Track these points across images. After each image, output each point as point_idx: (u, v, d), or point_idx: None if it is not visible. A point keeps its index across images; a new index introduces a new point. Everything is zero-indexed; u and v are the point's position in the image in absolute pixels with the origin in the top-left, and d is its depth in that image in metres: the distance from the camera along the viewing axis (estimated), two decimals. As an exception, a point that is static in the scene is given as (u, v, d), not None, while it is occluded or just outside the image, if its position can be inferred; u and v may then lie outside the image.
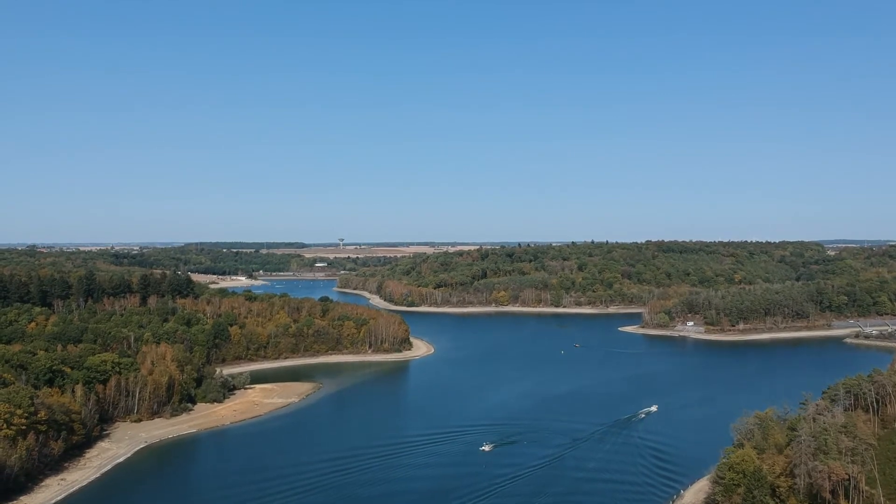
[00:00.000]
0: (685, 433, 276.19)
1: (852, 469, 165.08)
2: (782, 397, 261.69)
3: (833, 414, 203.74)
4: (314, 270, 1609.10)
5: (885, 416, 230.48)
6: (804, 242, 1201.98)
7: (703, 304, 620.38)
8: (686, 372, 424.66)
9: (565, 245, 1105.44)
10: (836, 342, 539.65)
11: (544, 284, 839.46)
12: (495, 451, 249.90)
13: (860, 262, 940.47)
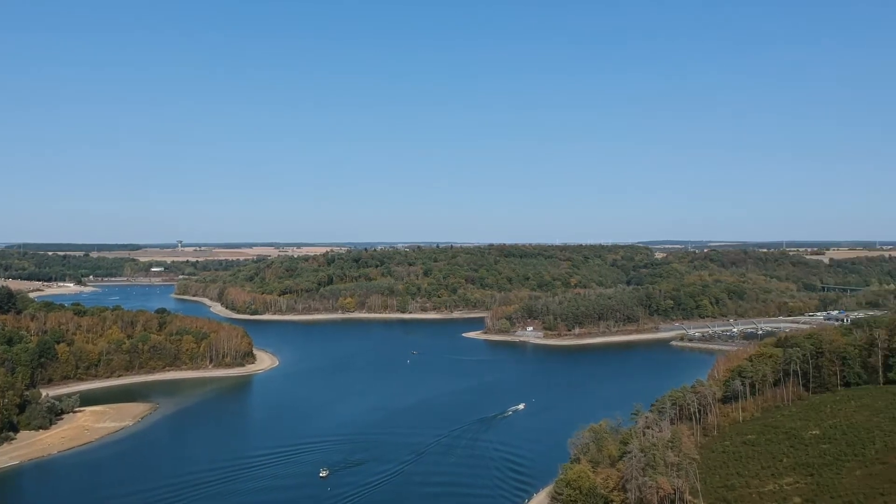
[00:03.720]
0: (527, 443, 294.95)
1: (678, 483, 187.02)
2: (617, 403, 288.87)
3: (661, 428, 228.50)
4: (150, 275, 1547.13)
5: (707, 424, 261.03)
6: (634, 246, 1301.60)
7: (541, 309, 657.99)
8: (526, 379, 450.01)
9: (411, 250, 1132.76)
10: (664, 345, 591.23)
11: (391, 290, 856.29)
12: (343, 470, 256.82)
13: (684, 266, 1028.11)
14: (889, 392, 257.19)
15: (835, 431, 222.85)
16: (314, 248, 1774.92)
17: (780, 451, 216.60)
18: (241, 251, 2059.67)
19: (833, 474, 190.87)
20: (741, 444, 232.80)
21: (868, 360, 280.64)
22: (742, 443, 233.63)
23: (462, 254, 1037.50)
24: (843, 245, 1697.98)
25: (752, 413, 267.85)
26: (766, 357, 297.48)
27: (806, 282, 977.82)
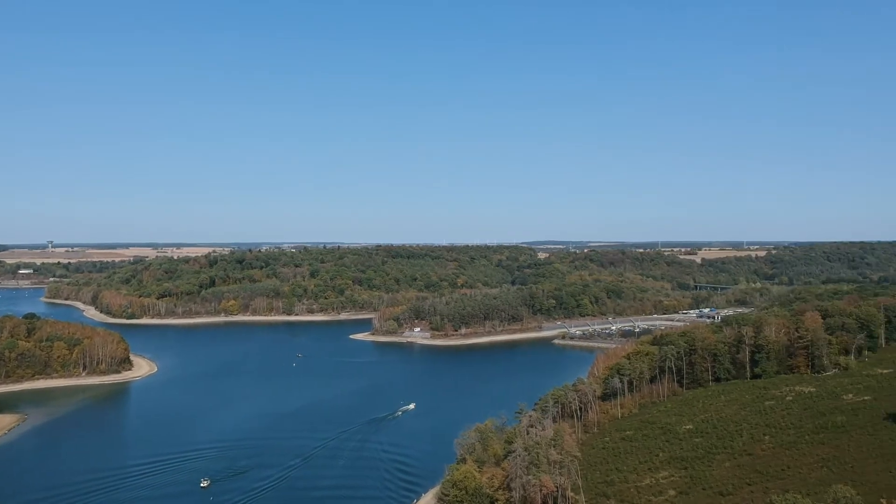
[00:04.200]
0: (416, 444, 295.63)
1: (560, 480, 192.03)
2: (503, 402, 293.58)
3: (544, 426, 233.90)
4: (17, 278, 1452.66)
5: (588, 421, 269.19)
6: (518, 247, 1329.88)
7: (429, 310, 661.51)
8: (415, 379, 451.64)
9: (297, 251, 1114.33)
10: (547, 343, 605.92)
11: (276, 292, 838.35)
12: (226, 479, 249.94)
13: (566, 266, 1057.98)
14: (756, 386, 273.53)
15: (706, 425, 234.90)
16: (195, 248, 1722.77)
17: (656, 446, 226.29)
18: (117, 252, 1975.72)
19: (705, 467, 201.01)
20: (620, 439, 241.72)
21: (737, 356, 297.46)
22: (621, 438, 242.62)
23: (349, 255, 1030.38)
24: (714, 245, 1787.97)
25: (630, 409, 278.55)
26: (643, 355, 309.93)
27: (680, 281, 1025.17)
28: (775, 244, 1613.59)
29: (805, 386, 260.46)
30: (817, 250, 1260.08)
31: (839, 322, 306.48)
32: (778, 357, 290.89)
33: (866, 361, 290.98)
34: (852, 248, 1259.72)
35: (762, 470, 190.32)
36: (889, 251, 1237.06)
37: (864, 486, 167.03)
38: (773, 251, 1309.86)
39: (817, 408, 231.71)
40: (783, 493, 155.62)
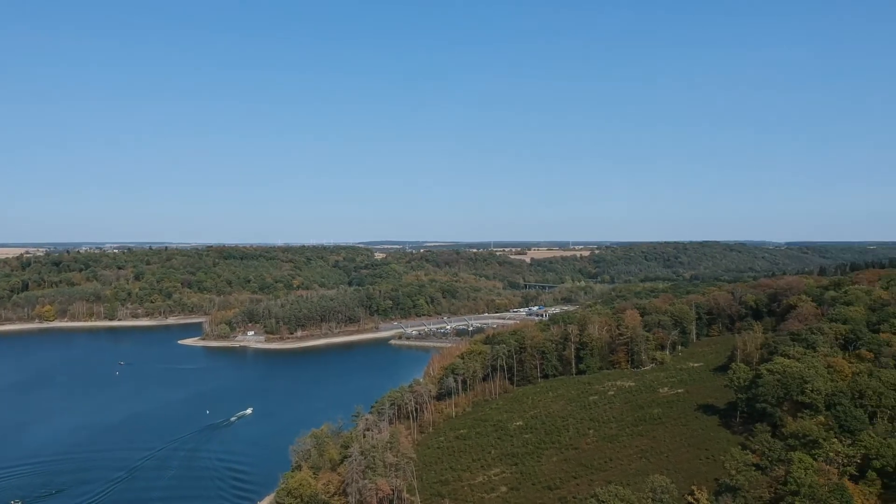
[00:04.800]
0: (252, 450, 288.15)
1: (396, 483, 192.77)
2: (340, 405, 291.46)
3: (380, 428, 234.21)
4: None
5: (423, 421, 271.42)
6: (355, 247, 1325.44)
7: (263, 312, 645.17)
8: (250, 384, 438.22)
9: (121, 251, 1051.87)
10: (384, 344, 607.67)
11: (97, 296, 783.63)
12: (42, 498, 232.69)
13: (402, 266, 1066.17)
14: (581, 382, 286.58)
15: (536, 422, 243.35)
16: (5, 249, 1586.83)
17: (488, 444, 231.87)
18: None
19: (534, 462, 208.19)
20: (454, 438, 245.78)
21: (563, 353, 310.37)
22: (455, 437, 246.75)
23: (178, 255, 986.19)
24: (543, 245, 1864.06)
25: (464, 408, 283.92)
26: (476, 354, 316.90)
27: (511, 280, 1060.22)
28: (598, 244, 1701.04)
29: (626, 381, 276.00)
30: (636, 250, 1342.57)
31: (656, 319, 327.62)
32: (601, 353, 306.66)
33: (680, 356, 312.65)
34: (667, 248, 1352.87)
35: (587, 463, 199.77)
36: (699, 251, 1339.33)
37: (679, 473, 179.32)
38: (597, 251, 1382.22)
39: (636, 401, 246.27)
40: (606, 485, 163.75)
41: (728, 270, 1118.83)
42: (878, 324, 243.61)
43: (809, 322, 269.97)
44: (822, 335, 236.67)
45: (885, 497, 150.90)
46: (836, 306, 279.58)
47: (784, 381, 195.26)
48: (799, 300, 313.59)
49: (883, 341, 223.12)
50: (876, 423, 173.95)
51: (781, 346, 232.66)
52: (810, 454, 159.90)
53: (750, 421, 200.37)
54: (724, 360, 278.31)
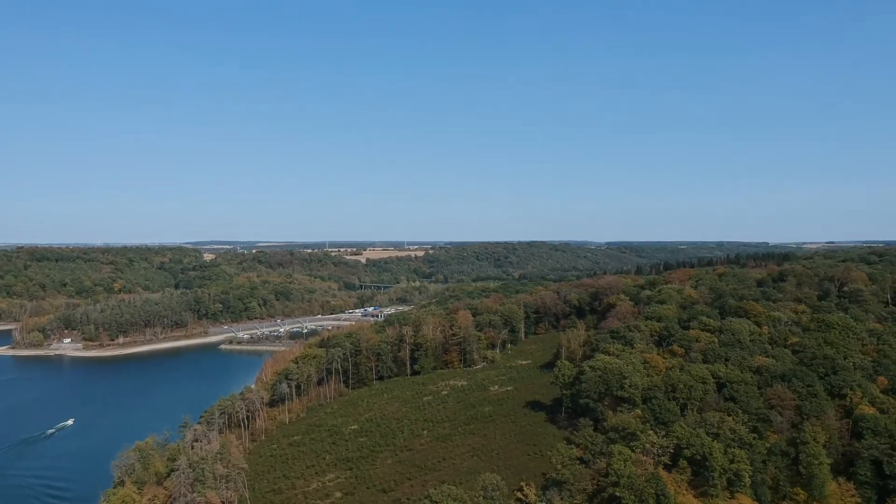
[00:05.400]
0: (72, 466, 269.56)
1: (227, 495, 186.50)
2: (167, 416, 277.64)
3: (210, 439, 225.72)
4: None
5: (255, 429, 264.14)
6: (183, 248, 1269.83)
7: (81, 318, 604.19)
8: (67, 396, 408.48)
9: None
10: (213, 349, 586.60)
11: None
12: None
13: (234, 268, 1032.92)
14: (415, 383, 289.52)
15: (371, 424, 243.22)
16: None
17: (323, 449, 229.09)
18: None
19: (369, 465, 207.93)
20: (288, 445, 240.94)
21: (398, 354, 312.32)
22: (289, 444, 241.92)
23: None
24: (378, 245, 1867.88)
25: (298, 414, 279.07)
26: (310, 358, 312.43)
27: (346, 281, 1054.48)
28: (432, 244, 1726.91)
29: (458, 380, 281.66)
30: (468, 250, 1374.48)
31: (487, 319, 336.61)
32: (435, 354, 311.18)
33: (509, 354, 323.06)
34: (497, 248, 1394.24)
35: (421, 464, 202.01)
36: (527, 251, 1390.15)
37: (509, 470, 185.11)
38: (431, 251, 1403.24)
39: (468, 400, 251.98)
40: (439, 485, 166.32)
41: (554, 269, 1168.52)
42: (689, 321, 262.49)
43: (627, 320, 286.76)
44: (639, 332, 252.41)
45: (695, 483, 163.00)
46: (652, 305, 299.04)
47: (605, 377, 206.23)
48: (618, 299, 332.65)
49: (692, 338, 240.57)
50: (687, 414, 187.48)
51: (602, 343, 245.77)
52: (629, 446, 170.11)
53: (575, 416, 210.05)
54: (551, 357, 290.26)
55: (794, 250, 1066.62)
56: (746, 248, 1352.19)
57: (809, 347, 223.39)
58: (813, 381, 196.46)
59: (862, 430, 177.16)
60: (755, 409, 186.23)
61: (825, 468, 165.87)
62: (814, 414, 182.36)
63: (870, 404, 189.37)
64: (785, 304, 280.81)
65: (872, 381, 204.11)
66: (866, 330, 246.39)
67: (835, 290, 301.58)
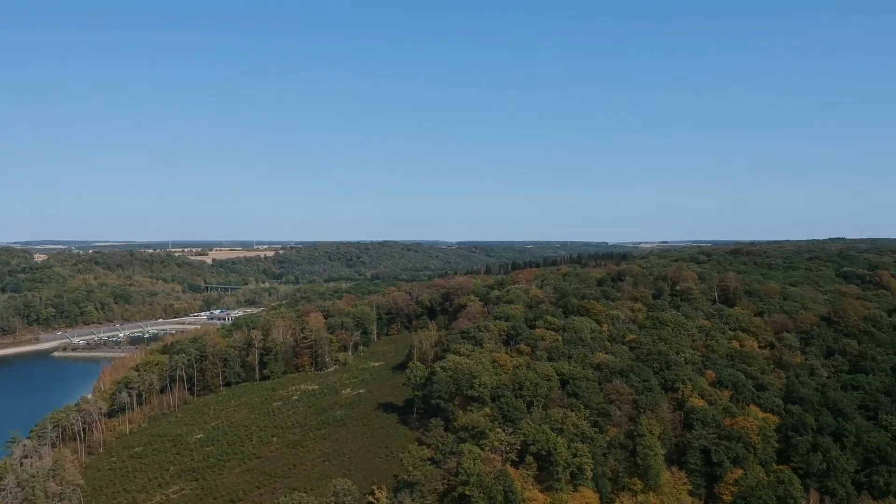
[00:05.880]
0: None
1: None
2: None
3: (41, 455, 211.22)
4: None
5: (92, 442, 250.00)
6: (10, 248, 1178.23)
7: None
8: None
9: None
10: (46, 356, 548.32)
11: None
12: None
13: (68, 269, 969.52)
14: (265, 388, 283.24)
15: (217, 433, 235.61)
16: None
17: (166, 460, 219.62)
18: None
19: (216, 475, 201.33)
20: (128, 458, 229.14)
21: (246, 359, 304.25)
22: (129, 456, 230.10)
23: None
24: (225, 245, 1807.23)
25: (139, 424, 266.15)
26: (152, 364, 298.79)
27: (191, 282, 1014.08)
28: (282, 244, 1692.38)
29: (309, 384, 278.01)
30: (320, 250, 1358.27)
31: (339, 321, 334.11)
32: (285, 357, 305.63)
33: (362, 356, 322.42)
34: (349, 248, 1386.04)
35: (271, 472, 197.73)
36: (380, 251, 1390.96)
37: (360, 474, 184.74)
38: (281, 251, 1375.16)
39: (320, 404, 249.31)
40: (290, 493, 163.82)
41: (406, 269, 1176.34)
42: (535, 320, 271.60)
43: (477, 320, 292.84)
44: (488, 332, 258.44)
45: (540, 478, 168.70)
46: (500, 305, 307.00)
47: (456, 378, 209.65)
48: (468, 300, 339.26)
49: (538, 336, 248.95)
50: (533, 411, 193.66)
51: (453, 343, 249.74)
52: (478, 445, 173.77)
53: (426, 417, 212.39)
54: (403, 358, 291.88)
55: (631, 250, 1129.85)
56: (588, 248, 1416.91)
57: (645, 344, 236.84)
58: (648, 376, 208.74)
59: (692, 421, 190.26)
60: (596, 404, 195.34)
61: (660, 458, 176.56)
62: (649, 407, 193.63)
63: (699, 396, 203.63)
64: (623, 302, 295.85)
65: (701, 374, 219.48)
66: (696, 327, 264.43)
67: (668, 288, 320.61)
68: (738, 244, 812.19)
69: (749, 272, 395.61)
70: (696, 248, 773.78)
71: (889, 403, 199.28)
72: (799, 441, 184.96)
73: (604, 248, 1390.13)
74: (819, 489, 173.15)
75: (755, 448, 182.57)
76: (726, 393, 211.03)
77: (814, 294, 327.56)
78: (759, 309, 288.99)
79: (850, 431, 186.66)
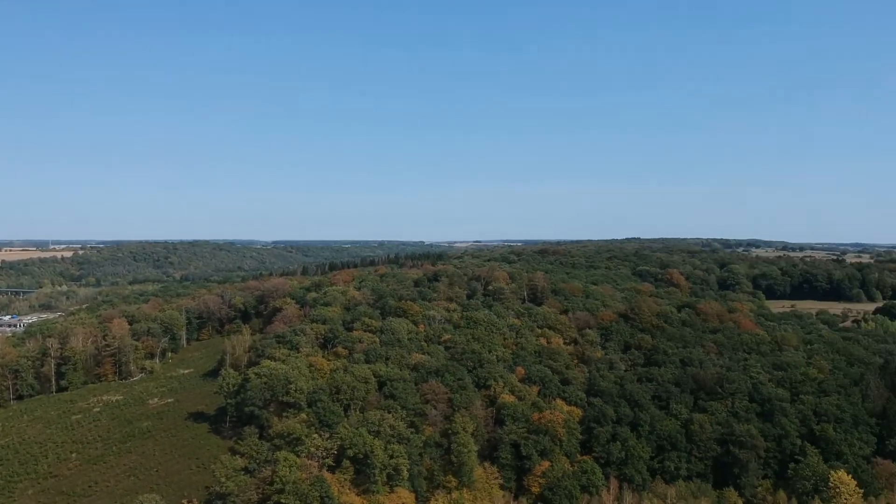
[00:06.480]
0: None
1: None
2: None
3: None
4: None
5: None
6: None
7: None
8: None
9: None
10: None
11: None
12: None
13: None
14: (62, 400, 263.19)
15: (7, 451, 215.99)
16: None
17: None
18: None
19: (6, 499, 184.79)
20: None
21: (41, 369, 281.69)
22: None
23: None
24: (16, 245, 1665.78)
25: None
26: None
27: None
28: (82, 243, 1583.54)
29: (113, 394, 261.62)
30: (124, 250, 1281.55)
31: (145, 327, 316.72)
32: (85, 367, 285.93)
33: (170, 363, 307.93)
34: (157, 247, 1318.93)
35: (69, 491, 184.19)
36: (190, 251, 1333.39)
37: (170, 487, 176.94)
38: (81, 251, 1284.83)
39: (125, 416, 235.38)
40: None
41: (218, 270, 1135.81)
42: (352, 322, 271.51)
43: (293, 323, 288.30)
44: (305, 336, 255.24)
45: (357, 481, 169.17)
46: (317, 307, 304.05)
47: (270, 383, 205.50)
48: (284, 302, 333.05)
49: (355, 338, 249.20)
50: (350, 414, 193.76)
51: (268, 348, 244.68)
52: (294, 451, 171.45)
53: (240, 425, 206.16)
54: (215, 364, 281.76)
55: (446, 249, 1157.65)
56: (405, 248, 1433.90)
57: (460, 343, 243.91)
58: (463, 375, 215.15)
59: (504, 416, 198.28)
60: (412, 404, 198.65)
61: (473, 455, 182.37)
62: (463, 405, 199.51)
63: (510, 393, 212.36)
64: (439, 302, 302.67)
65: (512, 371, 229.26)
66: (507, 325, 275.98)
67: (481, 288, 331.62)
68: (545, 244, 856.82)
69: (555, 271, 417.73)
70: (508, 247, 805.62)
71: (678, 393, 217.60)
72: (600, 432, 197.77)
73: (420, 248, 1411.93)
74: (618, 476, 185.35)
75: (561, 440, 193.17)
76: (535, 388, 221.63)
77: (613, 292, 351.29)
78: (564, 307, 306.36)
79: (645, 421, 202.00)
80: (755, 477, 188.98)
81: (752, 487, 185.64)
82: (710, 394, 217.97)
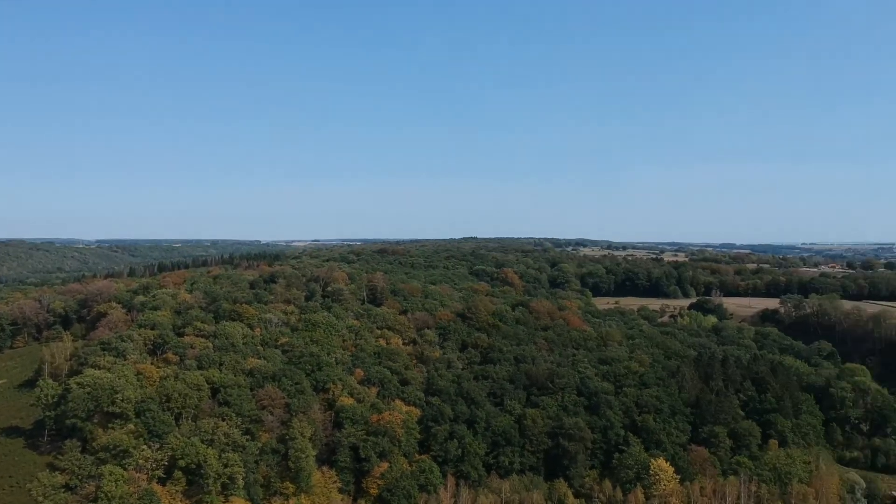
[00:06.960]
0: None
1: None
2: None
3: None
4: None
5: None
6: None
7: None
8: None
9: None
10: None
11: None
12: None
13: None
14: None
15: None
16: None
17: None
18: None
19: None
20: None
21: None
22: None
23: None
24: None
25: None
26: None
27: None
28: None
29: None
30: None
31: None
32: None
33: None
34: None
35: None
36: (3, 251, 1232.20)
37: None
38: None
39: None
40: None
41: (36, 272, 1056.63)
42: (184, 327, 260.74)
43: (120, 329, 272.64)
44: (132, 342, 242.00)
45: (189, 492, 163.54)
46: (146, 311, 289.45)
47: (94, 394, 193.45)
48: (109, 307, 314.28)
49: (187, 344, 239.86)
50: (182, 423, 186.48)
51: (91, 356, 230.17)
52: (121, 464, 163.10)
53: (60, 439, 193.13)
54: (32, 374, 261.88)
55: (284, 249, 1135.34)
56: (240, 247, 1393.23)
57: (297, 346, 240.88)
58: (301, 379, 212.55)
59: (342, 419, 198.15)
60: (248, 411, 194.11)
61: (311, 460, 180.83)
62: (301, 410, 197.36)
63: (349, 395, 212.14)
64: (276, 305, 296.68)
65: (351, 373, 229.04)
66: (346, 327, 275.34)
67: (320, 290, 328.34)
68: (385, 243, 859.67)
69: (395, 272, 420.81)
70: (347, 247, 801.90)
71: (512, 390, 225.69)
72: (438, 431, 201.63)
73: (257, 247, 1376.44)
74: (455, 474, 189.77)
75: (399, 441, 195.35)
76: (374, 390, 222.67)
77: (451, 292, 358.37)
78: (403, 307, 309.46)
79: (480, 418, 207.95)
80: (583, 468, 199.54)
81: (580, 478, 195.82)
82: (541, 389, 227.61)
